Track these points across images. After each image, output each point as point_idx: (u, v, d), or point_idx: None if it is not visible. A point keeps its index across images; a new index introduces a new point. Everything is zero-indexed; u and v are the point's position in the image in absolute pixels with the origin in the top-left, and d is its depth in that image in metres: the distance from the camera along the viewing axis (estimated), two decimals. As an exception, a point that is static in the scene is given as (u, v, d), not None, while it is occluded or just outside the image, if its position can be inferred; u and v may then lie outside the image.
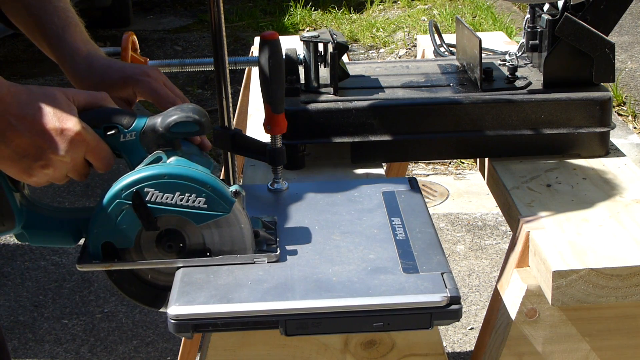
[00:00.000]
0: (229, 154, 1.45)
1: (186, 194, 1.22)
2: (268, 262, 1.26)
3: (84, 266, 1.27)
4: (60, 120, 1.19)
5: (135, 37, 1.75)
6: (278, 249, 1.28)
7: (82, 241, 1.32)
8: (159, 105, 1.44)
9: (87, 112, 1.25)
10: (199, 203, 1.22)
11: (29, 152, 1.19)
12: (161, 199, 1.22)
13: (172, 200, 1.22)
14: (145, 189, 1.21)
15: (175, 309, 1.17)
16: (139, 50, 1.76)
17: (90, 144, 1.23)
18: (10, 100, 1.17)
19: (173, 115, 1.26)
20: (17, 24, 1.51)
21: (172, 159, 1.25)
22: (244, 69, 2.51)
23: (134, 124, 1.26)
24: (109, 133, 1.25)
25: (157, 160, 1.25)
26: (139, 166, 1.24)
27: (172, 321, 1.16)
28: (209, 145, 1.39)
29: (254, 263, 1.26)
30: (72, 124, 1.20)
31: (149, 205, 1.22)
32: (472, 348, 2.18)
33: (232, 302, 1.17)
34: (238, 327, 1.17)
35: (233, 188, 1.24)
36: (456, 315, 1.17)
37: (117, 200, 1.22)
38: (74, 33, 1.47)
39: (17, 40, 6.84)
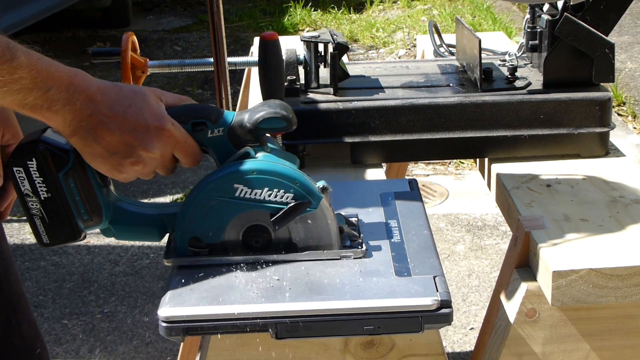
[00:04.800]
0: None
1: (274, 190, 1.22)
2: (354, 259, 1.27)
3: (171, 261, 1.27)
4: (150, 117, 1.19)
5: (135, 37, 1.75)
6: (364, 245, 1.29)
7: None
8: None
9: (174, 108, 1.25)
10: (287, 199, 1.23)
11: (120, 149, 1.18)
12: (250, 194, 1.22)
13: (260, 196, 1.23)
14: (235, 185, 1.22)
15: (165, 310, 1.16)
16: (138, 51, 1.76)
17: (179, 140, 1.22)
18: (100, 99, 1.16)
19: (261, 111, 1.25)
20: None
21: (260, 154, 1.25)
22: (244, 69, 2.51)
23: (221, 120, 1.25)
24: (196, 129, 1.25)
25: (245, 156, 1.25)
26: (227, 162, 1.25)
27: (163, 324, 1.16)
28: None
29: (340, 259, 1.27)
30: (161, 120, 1.20)
31: (235, 200, 1.23)
32: (472, 348, 2.18)
33: (223, 304, 1.17)
34: (229, 331, 1.17)
35: (320, 184, 1.25)
36: (447, 319, 1.17)
37: (207, 196, 1.23)
38: None
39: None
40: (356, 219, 1.36)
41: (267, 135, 1.29)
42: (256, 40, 2.51)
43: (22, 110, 1.13)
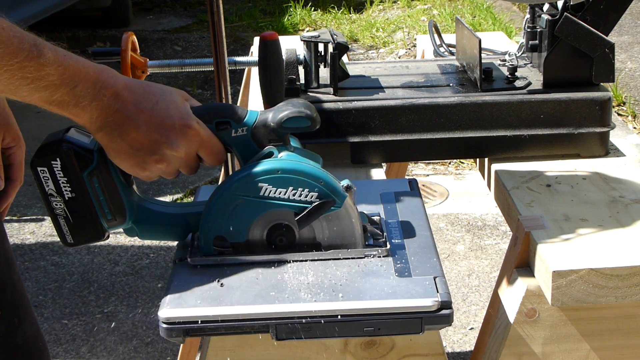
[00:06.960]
0: (229, 153, 1.45)
1: (299, 189, 1.23)
2: (378, 257, 1.27)
3: (196, 260, 1.27)
4: (176, 115, 1.19)
5: (135, 37, 1.75)
6: (388, 243, 1.29)
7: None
8: None
9: (198, 107, 1.25)
10: (311, 197, 1.23)
11: (144, 145, 1.19)
12: (274, 193, 1.23)
13: (284, 194, 1.23)
14: (259, 184, 1.22)
15: (166, 311, 1.16)
16: (138, 51, 1.76)
17: (204, 139, 1.22)
18: (127, 95, 1.16)
19: (285, 111, 1.25)
20: None
21: (283, 154, 1.25)
22: (244, 69, 2.51)
23: (245, 119, 1.25)
24: (220, 128, 1.25)
25: (269, 155, 1.25)
26: (250, 161, 1.25)
27: (163, 325, 1.16)
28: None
29: (364, 257, 1.27)
30: (187, 119, 1.20)
31: (260, 199, 1.23)
32: (472, 348, 2.18)
33: (223, 305, 1.17)
34: (229, 332, 1.17)
35: (344, 182, 1.25)
36: (447, 320, 1.17)
37: (231, 195, 1.23)
38: None
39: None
40: (379, 217, 1.36)
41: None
42: (256, 40, 2.51)
43: (49, 106, 1.13)
